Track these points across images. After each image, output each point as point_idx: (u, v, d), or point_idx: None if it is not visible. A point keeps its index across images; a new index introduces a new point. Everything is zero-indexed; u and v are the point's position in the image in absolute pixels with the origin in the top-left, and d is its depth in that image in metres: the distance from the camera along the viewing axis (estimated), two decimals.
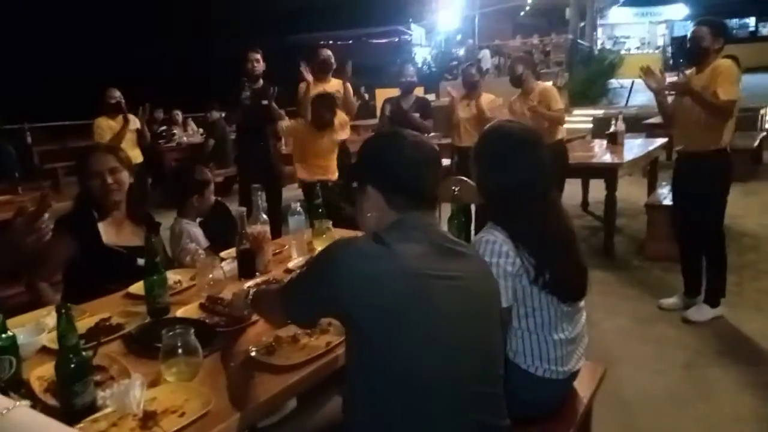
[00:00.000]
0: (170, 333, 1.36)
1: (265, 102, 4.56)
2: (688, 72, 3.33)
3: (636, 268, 4.37)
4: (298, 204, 2.36)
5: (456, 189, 2.29)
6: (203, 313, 1.75)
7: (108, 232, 2.25)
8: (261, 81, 4.69)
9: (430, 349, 1.15)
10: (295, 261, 2.19)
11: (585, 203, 6.15)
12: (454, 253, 1.26)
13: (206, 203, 2.46)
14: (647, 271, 4.27)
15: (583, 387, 1.81)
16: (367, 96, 15.02)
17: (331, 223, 2.45)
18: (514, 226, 1.55)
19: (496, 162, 1.62)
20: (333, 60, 4.84)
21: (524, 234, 1.54)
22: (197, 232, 2.39)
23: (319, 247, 2.38)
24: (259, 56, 4.65)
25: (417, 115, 4.69)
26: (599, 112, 13.56)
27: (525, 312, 1.60)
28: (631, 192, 6.16)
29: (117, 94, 4.86)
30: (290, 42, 24.12)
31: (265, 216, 2.15)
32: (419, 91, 16.34)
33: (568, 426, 1.68)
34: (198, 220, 2.45)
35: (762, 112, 10.59)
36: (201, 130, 8.10)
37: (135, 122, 4.97)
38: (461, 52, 18.78)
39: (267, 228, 2.12)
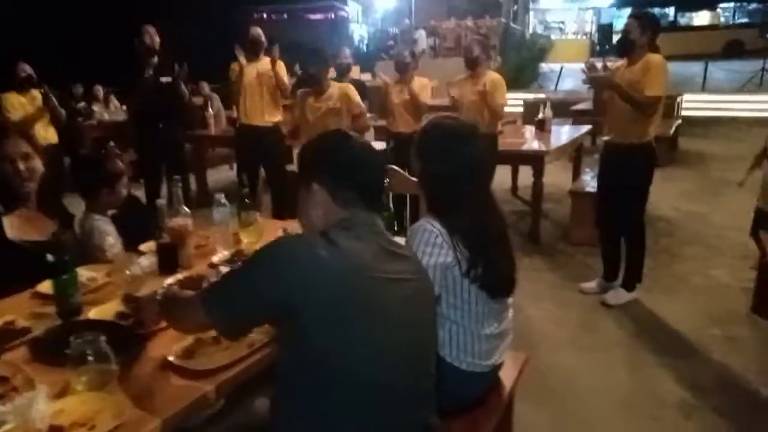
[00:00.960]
0: (79, 339, 1.29)
1: (166, 79, 4.34)
2: (619, 64, 3.44)
3: (560, 252, 4.54)
4: (222, 195, 2.28)
5: (387, 180, 2.27)
6: (122, 312, 1.67)
7: (14, 226, 2.10)
8: (156, 58, 4.44)
9: (372, 350, 1.15)
10: (220, 255, 2.12)
11: (514, 188, 6.32)
12: (397, 256, 1.27)
13: (118, 197, 2.30)
14: (571, 256, 4.45)
15: (506, 376, 1.86)
16: (300, 72, 14.71)
17: (257, 214, 2.38)
18: (451, 218, 1.58)
19: (436, 156, 1.64)
20: (263, 39, 4.68)
21: (461, 226, 1.57)
22: (109, 229, 2.24)
23: (246, 239, 2.32)
24: (155, 30, 4.43)
25: None
26: (530, 95, 13.93)
27: (454, 303, 1.62)
28: (558, 177, 6.37)
29: (28, 68, 4.49)
30: (221, 15, 23.31)
31: (186, 209, 2.06)
32: (355, 72, 16.19)
33: (491, 416, 1.73)
34: (110, 212, 2.30)
35: (678, 100, 11.20)
36: (124, 106, 7.67)
37: (50, 97, 4.60)
38: (397, 31, 18.70)
39: (189, 220, 2.04)
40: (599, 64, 3.39)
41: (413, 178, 1.90)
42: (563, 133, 5.67)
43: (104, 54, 8.34)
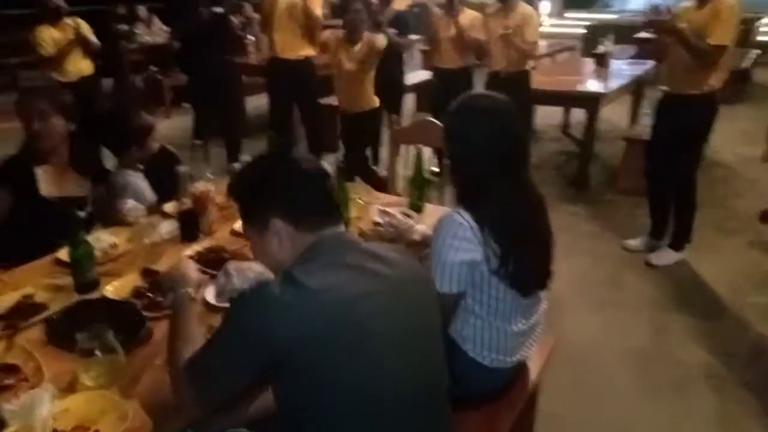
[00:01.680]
0: (84, 333, 1.27)
1: (219, 9, 4.18)
2: (687, 4, 3.08)
3: (607, 201, 4.32)
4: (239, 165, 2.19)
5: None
6: (138, 288, 1.65)
7: (47, 180, 2.10)
8: None
9: (372, 372, 1.09)
10: None
11: (566, 125, 5.98)
12: (375, 271, 1.14)
13: (149, 152, 2.25)
14: (617, 205, 4.23)
15: (532, 365, 1.78)
16: None
17: None
18: (480, 209, 1.44)
19: (463, 137, 1.48)
20: None
21: (491, 218, 1.43)
22: (143, 185, 2.21)
23: None
24: None
25: (394, 31, 4.36)
26: (594, 16, 12.95)
27: (480, 299, 1.52)
28: (615, 113, 5.99)
29: None
30: None
31: (210, 174, 1.99)
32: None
33: (512, 408, 1.67)
34: (142, 167, 2.26)
35: (757, 24, 10.14)
36: (168, 28, 7.52)
37: (82, 29, 4.49)
38: None
39: (211, 187, 1.97)
40: (663, 6, 3.03)
41: None
42: (625, 70, 5.23)
43: None
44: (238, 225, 2.02)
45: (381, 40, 3.89)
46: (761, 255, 3.48)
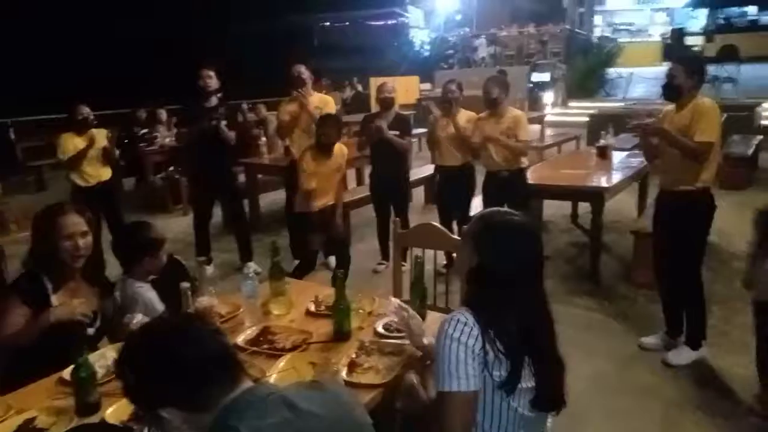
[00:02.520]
0: None
1: (213, 122, 4.47)
2: (668, 108, 3.22)
3: (621, 296, 4.25)
4: (251, 267, 2.24)
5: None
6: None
7: (60, 301, 2.12)
8: (214, 98, 4.59)
9: None
10: (247, 333, 2.07)
11: (574, 215, 6.02)
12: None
13: (159, 263, 2.30)
14: (632, 300, 4.16)
15: None
16: (360, 86, 14.79)
17: (288, 284, 2.33)
18: (495, 319, 1.44)
19: (496, 252, 1.51)
20: (305, 75, 4.66)
21: (504, 331, 1.43)
22: (152, 296, 2.24)
23: (275, 311, 2.27)
24: (212, 73, 4.54)
25: (396, 133, 4.54)
26: (597, 104, 13.38)
27: (483, 407, 1.48)
28: (624, 204, 6.04)
29: (86, 110, 4.64)
30: (286, 23, 23.88)
31: (212, 288, 2.03)
32: (414, 81, 16.12)
33: None
34: (150, 278, 2.30)
35: (758, 109, 10.37)
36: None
37: (103, 139, 4.80)
38: (456, 39, 18.46)
39: (215, 301, 2.00)
40: (648, 119, 3.17)
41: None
42: (627, 161, 5.32)
43: (168, 76, 8.62)
44: (240, 339, 2.03)
45: (344, 150, 4.15)
46: None
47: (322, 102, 4.72)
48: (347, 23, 26.41)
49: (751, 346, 3.41)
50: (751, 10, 19.52)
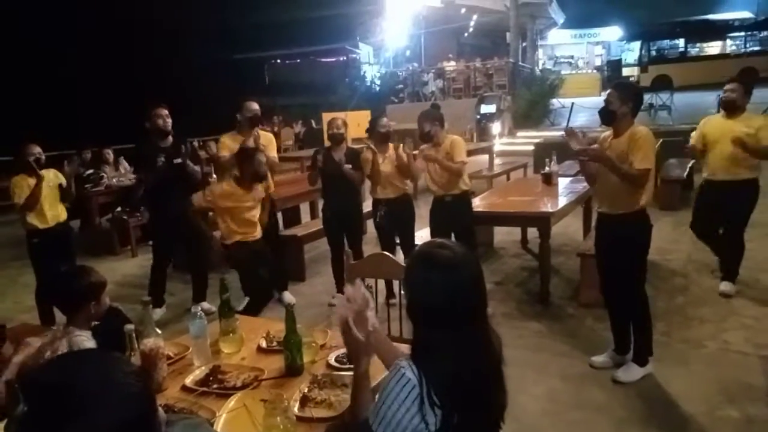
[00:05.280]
0: None
1: (178, 161, 4.43)
2: (606, 134, 3.38)
3: (570, 317, 4.37)
4: (200, 307, 2.21)
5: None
6: None
7: None
8: (170, 138, 4.56)
9: None
10: (196, 373, 2.04)
11: (524, 240, 6.18)
12: None
13: (102, 308, 2.22)
14: (581, 320, 4.28)
15: None
16: (313, 122, 14.92)
17: (238, 320, 2.31)
18: (429, 364, 1.40)
19: (418, 286, 1.47)
20: (259, 113, 4.71)
21: (437, 378, 1.39)
22: (90, 345, 2.17)
23: (226, 349, 2.24)
24: (167, 111, 4.51)
25: (349, 166, 4.60)
26: (542, 133, 13.88)
27: None
28: (569, 227, 6.25)
29: (37, 149, 4.50)
30: (237, 60, 23.95)
31: (158, 330, 1.99)
32: (366, 116, 16.40)
33: None
34: (92, 325, 2.22)
35: (692, 135, 10.97)
36: (132, 170, 7.77)
37: (59, 177, 4.66)
38: (405, 74, 18.90)
39: (161, 342, 1.96)
40: (580, 134, 3.33)
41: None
42: (571, 187, 5.54)
43: (114, 115, 8.52)
44: (189, 380, 2.00)
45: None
46: (729, 366, 3.47)
47: (265, 139, 4.74)
48: (298, 60, 26.72)
49: (689, 359, 3.58)
50: (681, 42, 20.82)
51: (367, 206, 6.12)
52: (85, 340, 2.13)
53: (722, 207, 4.40)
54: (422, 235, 4.80)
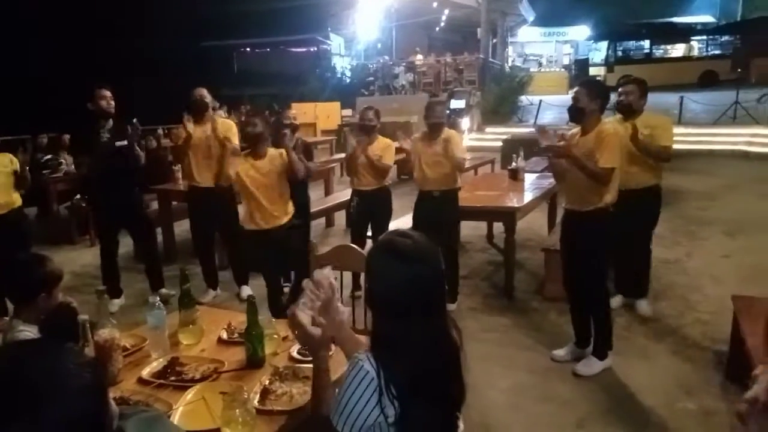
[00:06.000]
0: None
1: (123, 142, 4.30)
2: (574, 131, 3.41)
3: (534, 310, 4.42)
4: (158, 298, 2.14)
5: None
6: None
7: None
8: (110, 122, 4.38)
9: None
10: (153, 365, 1.97)
11: (490, 236, 6.22)
12: None
13: (53, 302, 2.08)
14: (544, 314, 4.33)
15: None
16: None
17: (198, 311, 2.25)
18: (386, 355, 1.39)
19: (377, 276, 1.46)
20: (208, 99, 4.62)
21: (395, 368, 1.37)
22: None
23: (185, 341, 2.18)
24: (109, 93, 4.34)
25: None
26: (510, 130, 14.02)
27: None
28: (535, 222, 6.31)
29: None
30: (204, 48, 23.45)
31: (113, 320, 1.92)
32: (336, 107, 16.29)
33: None
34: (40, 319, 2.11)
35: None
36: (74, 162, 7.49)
37: (14, 163, 4.45)
38: (376, 66, 18.83)
39: (116, 333, 1.89)
40: (551, 132, 3.35)
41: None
42: (537, 183, 5.59)
43: (74, 100, 8.29)
44: (146, 372, 1.93)
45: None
46: (687, 360, 3.56)
47: (224, 127, 4.64)
48: (268, 49, 26.32)
49: (648, 353, 3.66)
50: (646, 44, 21.27)
51: (338, 198, 6.10)
52: (30, 336, 2.03)
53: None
54: (396, 227, 4.75)
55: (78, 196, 6.61)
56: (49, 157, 7.07)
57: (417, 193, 4.47)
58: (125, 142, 4.32)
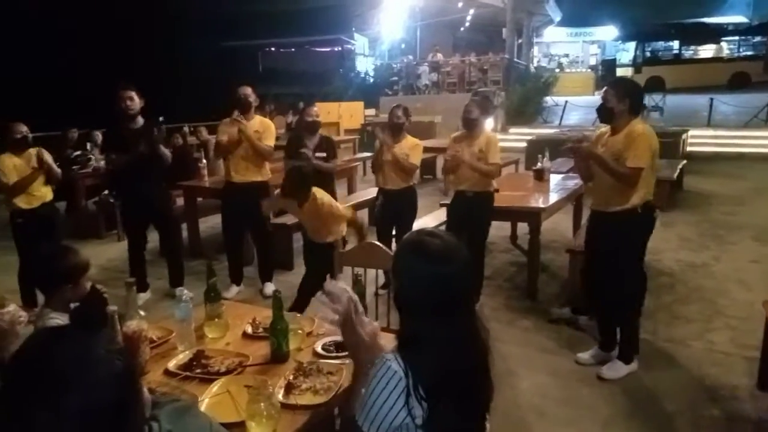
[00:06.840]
0: None
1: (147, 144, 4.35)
2: (603, 129, 3.36)
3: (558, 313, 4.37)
4: (184, 290, 2.17)
5: None
6: None
7: None
8: (140, 120, 4.45)
9: None
10: (179, 357, 2.00)
11: (514, 237, 6.17)
12: None
13: (81, 291, 2.13)
14: (568, 317, 4.28)
15: None
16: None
17: (224, 306, 2.28)
18: (414, 355, 1.38)
19: (403, 274, 1.45)
20: (252, 98, 4.65)
21: (423, 368, 1.36)
22: None
23: (210, 334, 2.21)
24: (133, 93, 4.38)
25: (323, 155, 4.60)
26: (534, 131, 13.89)
27: None
28: (560, 224, 6.25)
29: (24, 128, 4.38)
30: (230, 47, 23.73)
31: (142, 312, 1.95)
32: (359, 107, 16.30)
33: None
34: (70, 308, 2.16)
35: (684, 136, 11.06)
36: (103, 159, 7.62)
37: (46, 158, 4.54)
38: (400, 66, 18.80)
39: (144, 325, 1.92)
40: (583, 143, 3.30)
41: None
42: (562, 183, 5.53)
43: (105, 98, 8.46)
44: (172, 364, 1.96)
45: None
46: (713, 365, 3.49)
47: (263, 126, 4.69)
48: (293, 49, 26.51)
49: (674, 359, 3.60)
50: (675, 44, 20.90)
51: (361, 196, 6.11)
52: (60, 323, 2.07)
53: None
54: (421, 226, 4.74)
55: (106, 192, 6.74)
56: (78, 152, 7.22)
57: (439, 194, 4.47)
58: (145, 146, 4.35)
